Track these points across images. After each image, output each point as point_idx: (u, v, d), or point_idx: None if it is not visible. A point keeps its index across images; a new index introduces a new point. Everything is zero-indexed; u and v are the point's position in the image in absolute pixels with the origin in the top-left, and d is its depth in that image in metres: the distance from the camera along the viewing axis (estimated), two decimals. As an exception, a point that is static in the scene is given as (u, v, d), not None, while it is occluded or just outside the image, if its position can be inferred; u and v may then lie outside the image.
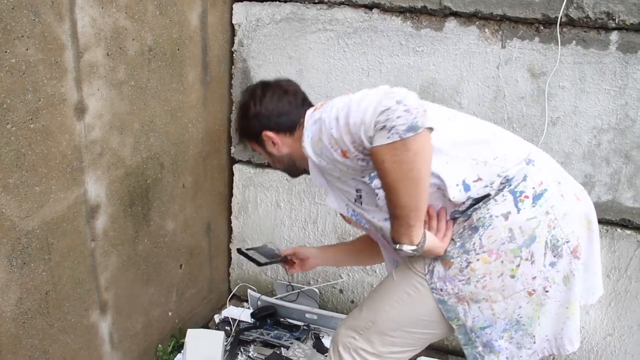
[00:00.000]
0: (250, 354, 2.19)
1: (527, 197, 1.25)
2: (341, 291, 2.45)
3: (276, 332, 2.29)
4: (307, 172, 1.49)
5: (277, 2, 2.17)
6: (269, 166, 2.40)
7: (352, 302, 2.44)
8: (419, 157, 1.13)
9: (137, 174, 1.89)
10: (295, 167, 1.53)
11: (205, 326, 2.49)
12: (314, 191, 2.34)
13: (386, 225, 1.33)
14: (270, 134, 1.49)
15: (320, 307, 2.51)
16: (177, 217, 2.15)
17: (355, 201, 1.39)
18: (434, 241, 1.29)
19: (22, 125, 1.41)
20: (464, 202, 1.28)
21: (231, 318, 2.41)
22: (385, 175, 1.16)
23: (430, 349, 2.27)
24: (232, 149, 2.42)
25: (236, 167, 2.46)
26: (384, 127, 1.11)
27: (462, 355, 2.33)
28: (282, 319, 2.39)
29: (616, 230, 2.05)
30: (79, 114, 1.59)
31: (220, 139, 2.38)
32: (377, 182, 1.28)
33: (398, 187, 1.16)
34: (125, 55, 1.73)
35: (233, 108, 2.35)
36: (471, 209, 1.28)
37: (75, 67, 1.55)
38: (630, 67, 1.88)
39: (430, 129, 1.16)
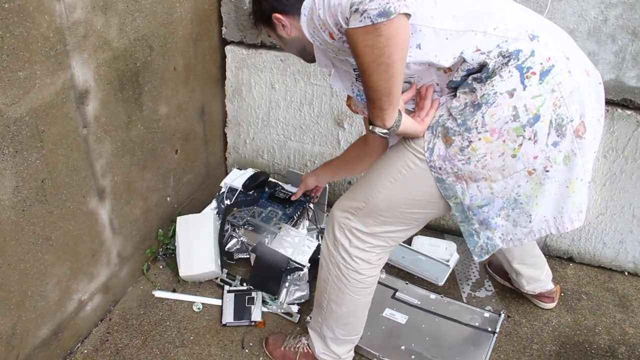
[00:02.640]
0: (242, 239, 2.19)
1: (534, 73, 1.20)
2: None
3: (270, 209, 2.23)
4: None
5: None
6: (262, 46, 2.30)
7: (350, 182, 2.46)
8: (391, 43, 1.10)
9: (125, 56, 1.80)
10: (306, 51, 1.47)
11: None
12: (309, 71, 2.26)
13: None
14: (279, 16, 1.42)
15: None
16: (169, 101, 2.09)
17: (356, 79, 1.37)
18: (410, 125, 1.29)
19: (-4, 4, 1.31)
20: (457, 71, 1.25)
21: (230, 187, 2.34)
22: (358, 58, 1.14)
23: (427, 229, 2.32)
24: (224, 30, 2.30)
25: (228, 49, 2.35)
26: (357, 10, 1.08)
27: (458, 234, 2.40)
28: (276, 192, 2.30)
29: (616, 110, 2.02)
30: (57, -8, 1.48)
31: (210, 20, 2.25)
32: None
33: (370, 71, 1.15)
34: None
35: (222, -15, 2.21)
36: (474, 82, 1.23)
37: (48, -61, 1.41)
38: None
39: (407, 15, 1.11)
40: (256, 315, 1.97)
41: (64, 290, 1.77)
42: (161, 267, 2.20)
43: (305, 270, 2.02)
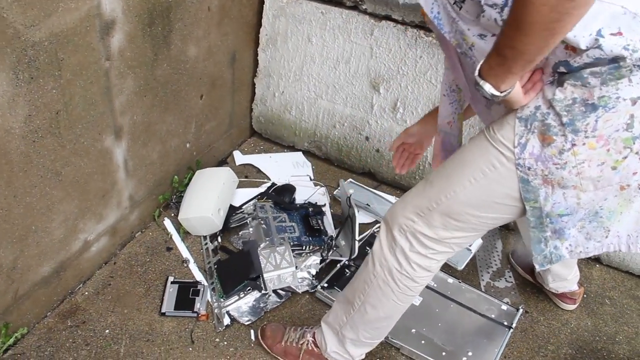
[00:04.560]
0: (250, 230, 2.04)
1: None
2: (367, 138, 2.33)
3: (292, 224, 2.03)
4: None
5: None
6: (303, -5, 2.16)
7: (377, 150, 2.33)
8: (575, 13, 0.88)
9: (157, -11, 1.68)
10: None
11: (224, 161, 2.43)
12: (349, 28, 2.12)
13: (480, 44, 1.09)
14: None
15: (344, 154, 2.42)
16: (200, 42, 1.97)
17: (454, 3, 1.12)
18: (517, 95, 1.09)
19: None
20: (581, 56, 1.03)
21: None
22: (524, 11, 0.91)
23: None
24: (264, -28, 2.16)
25: (267, -7, 2.21)
26: None
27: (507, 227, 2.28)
28: (312, 217, 2.06)
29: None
30: None
31: (252, -42, 2.11)
32: None
33: (527, 30, 0.93)
34: None
35: None
36: (590, 76, 1.04)
37: None
38: None
39: None
40: (200, 307, 1.78)
41: (70, 229, 1.70)
42: (173, 214, 2.12)
43: (272, 296, 1.84)
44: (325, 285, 1.88)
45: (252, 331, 1.75)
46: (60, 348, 1.65)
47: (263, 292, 1.81)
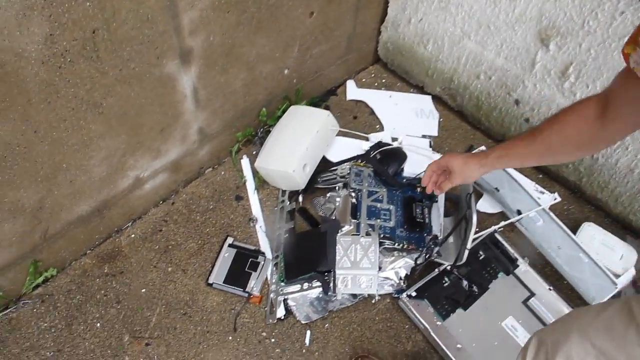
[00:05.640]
0: (337, 200, 1.58)
1: None
2: (517, 102, 1.74)
3: (390, 208, 1.55)
4: None
5: None
6: None
7: (527, 120, 1.75)
8: None
9: None
10: None
11: (332, 92, 1.97)
12: (531, -51, 1.47)
13: None
14: None
15: (483, 114, 1.86)
16: (316, -57, 1.47)
17: None
18: None
19: None
20: None
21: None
22: None
23: (608, 218, 1.63)
24: None
25: None
26: None
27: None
28: (417, 206, 1.57)
29: None
30: None
31: None
32: None
33: None
34: None
35: None
36: None
37: None
38: None
39: None
40: (254, 286, 1.46)
41: (116, 166, 1.41)
42: (254, 152, 1.75)
43: (338, 296, 1.42)
44: (413, 294, 1.46)
45: (308, 333, 1.42)
46: (90, 299, 1.44)
47: (329, 293, 1.44)
